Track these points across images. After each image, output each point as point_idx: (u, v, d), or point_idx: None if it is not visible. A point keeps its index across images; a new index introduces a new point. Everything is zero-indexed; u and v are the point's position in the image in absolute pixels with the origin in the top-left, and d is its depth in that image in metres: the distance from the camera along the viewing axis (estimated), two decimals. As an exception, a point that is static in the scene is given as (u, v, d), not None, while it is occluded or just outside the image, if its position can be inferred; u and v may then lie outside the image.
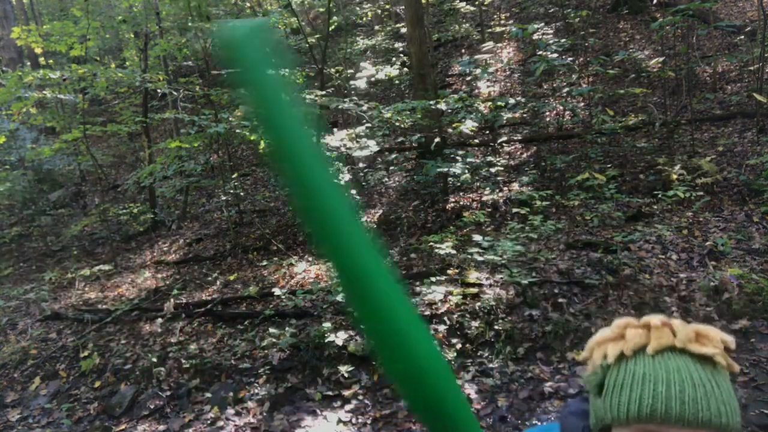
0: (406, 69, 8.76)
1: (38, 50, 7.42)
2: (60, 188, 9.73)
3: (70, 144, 6.92)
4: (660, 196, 5.18)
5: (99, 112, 11.69)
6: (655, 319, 0.77)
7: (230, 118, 6.08)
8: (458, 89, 8.79)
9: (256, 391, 3.67)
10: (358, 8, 9.99)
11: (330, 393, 3.60)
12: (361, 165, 6.85)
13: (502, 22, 10.40)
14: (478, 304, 3.99)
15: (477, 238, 4.68)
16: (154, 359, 4.12)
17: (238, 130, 5.71)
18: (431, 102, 5.76)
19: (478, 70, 6.12)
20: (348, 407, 3.46)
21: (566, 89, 6.69)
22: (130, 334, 4.65)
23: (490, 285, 4.21)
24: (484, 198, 6.18)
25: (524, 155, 7.18)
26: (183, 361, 4.09)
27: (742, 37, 7.59)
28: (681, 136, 6.39)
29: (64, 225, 8.44)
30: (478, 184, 6.34)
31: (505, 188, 6.26)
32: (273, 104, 0.73)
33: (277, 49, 0.76)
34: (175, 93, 6.69)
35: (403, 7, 8.03)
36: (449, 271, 4.44)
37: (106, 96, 11.43)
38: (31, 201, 8.95)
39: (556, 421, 0.93)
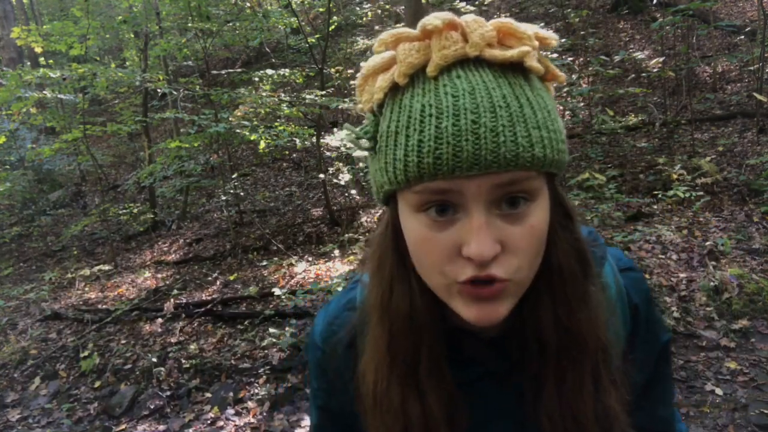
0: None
1: (38, 50, 7.42)
2: (60, 188, 9.74)
3: (70, 144, 6.92)
4: (660, 196, 5.18)
5: (99, 112, 11.70)
6: (434, 20, 0.51)
7: (230, 118, 6.08)
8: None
9: (256, 391, 3.67)
10: (358, 8, 9.98)
11: (330, 393, 3.59)
12: (361, 165, 6.84)
13: (502, 22, 10.36)
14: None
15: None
16: (154, 359, 4.13)
17: (238, 130, 5.70)
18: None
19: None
20: (348, 407, 3.45)
21: (566, 89, 6.68)
22: (130, 334, 4.65)
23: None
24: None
25: (524, 155, 7.16)
26: (183, 361, 4.09)
27: (742, 37, 7.59)
28: (681, 136, 6.38)
29: (64, 225, 8.44)
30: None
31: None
32: None
33: None
34: (175, 93, 6.69)
35: (403, 7, 8.03)
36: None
37: (106, 96, 11.45)
38: (31, 201, 8.96)
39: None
